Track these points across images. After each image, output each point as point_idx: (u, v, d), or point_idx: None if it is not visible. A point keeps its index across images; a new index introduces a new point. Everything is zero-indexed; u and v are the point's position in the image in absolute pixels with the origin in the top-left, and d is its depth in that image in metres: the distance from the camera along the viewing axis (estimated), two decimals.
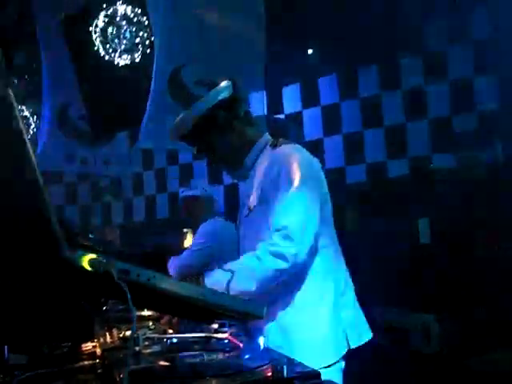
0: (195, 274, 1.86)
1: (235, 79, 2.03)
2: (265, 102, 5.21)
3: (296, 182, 1.79)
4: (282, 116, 5.48)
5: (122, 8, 4.15)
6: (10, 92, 0.79)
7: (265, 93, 4.97)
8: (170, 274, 3.76)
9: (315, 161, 1.94)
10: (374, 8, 4.38)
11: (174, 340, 1.55)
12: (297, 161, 1.85)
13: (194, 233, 4.21)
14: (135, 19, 4.15)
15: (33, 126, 6.15)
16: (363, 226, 3.83)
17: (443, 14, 4.31)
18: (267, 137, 2.03)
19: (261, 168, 1.93)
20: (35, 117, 6.19)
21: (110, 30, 4.15)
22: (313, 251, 1.81)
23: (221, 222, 3.78)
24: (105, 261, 0.99)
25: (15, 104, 0.81)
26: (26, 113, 6.06)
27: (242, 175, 2.07)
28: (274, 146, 1.96)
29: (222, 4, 4.19)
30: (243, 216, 2.01)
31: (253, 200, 1.91)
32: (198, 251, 3.68)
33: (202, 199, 3.93)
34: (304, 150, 1.94)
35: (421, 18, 4.41)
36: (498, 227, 3.22)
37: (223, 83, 1.98)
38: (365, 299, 1.99)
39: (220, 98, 1.95)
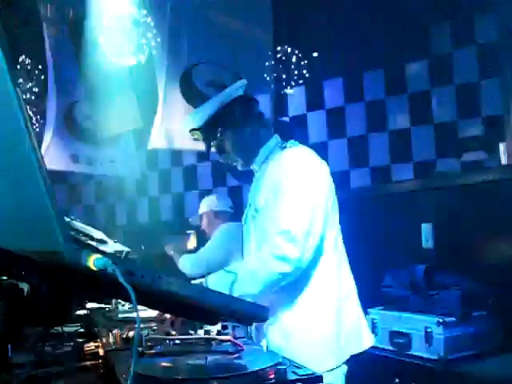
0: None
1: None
2: (270, 104, 5.21)
3: (302, 186, 1.79)
4: (286, 118, 5.48)
5: (127, 9, 4.15)
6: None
7: (270, 95, 4.97)
8: (186, 271, 3.69)
9: (323, 164, 1.93)
10: (379, 11, 4.37)
11: (177, 341, 1.55)
12: (304, 164, 1.85)
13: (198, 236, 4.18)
14: (141, 20, 4.16)
15: (36, 125, 6.15)
16: (366, 229, 3.82)
17: (449, 17, 4.30)
18: (277, 138, 2.05)
19: (269, 169, 1.93)
20: (38, 116, 6.20)
21: (115, 30, 4.16)
22: (317, 255, 1.81)
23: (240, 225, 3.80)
24: (109, 261, 0.99)
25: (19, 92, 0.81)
26: (30, 112, 6.06)
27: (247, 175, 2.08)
28: (284, 147, 1.96)
29: (229, 7, 4.20)
30: (250, 216, 2.01)
31: (260, 201, 1.91)
32: (226, 246, 3.58)
33: (225, 214, 3.93)
34: (313, 153, 1.94)
35: (427, 22, 4.40)
36: (501, 233, 3.21)
37: (241, 81, 1.99)
38: (366, 303, 1.99)
39: (238, 93, 1.96)
